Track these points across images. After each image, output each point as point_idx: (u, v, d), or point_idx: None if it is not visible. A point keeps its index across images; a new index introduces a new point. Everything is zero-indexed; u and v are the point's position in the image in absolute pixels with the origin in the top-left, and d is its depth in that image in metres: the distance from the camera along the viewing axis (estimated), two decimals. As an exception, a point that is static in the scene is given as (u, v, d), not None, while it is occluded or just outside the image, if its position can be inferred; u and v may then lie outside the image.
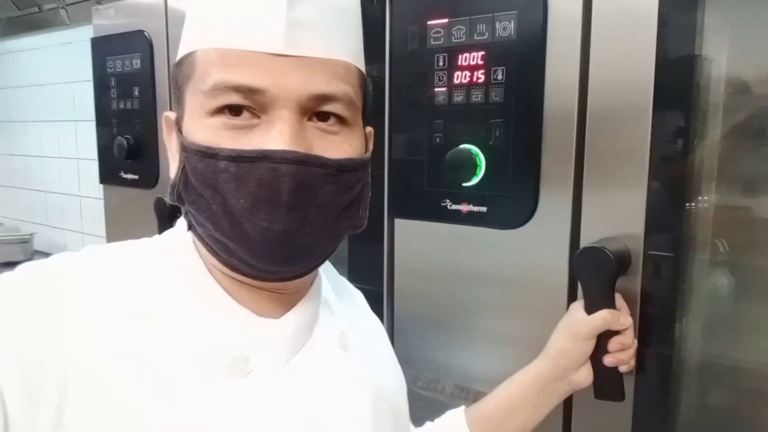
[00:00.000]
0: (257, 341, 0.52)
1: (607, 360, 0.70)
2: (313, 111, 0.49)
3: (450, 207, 0.85)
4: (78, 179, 2.44)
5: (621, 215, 0.72)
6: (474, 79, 0.81)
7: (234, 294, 0.53)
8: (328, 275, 0.65)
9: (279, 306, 0.54)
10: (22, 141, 2.81)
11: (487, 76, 0.80)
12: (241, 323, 0.52)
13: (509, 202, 0.80)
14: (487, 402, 0.75)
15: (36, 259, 0.51)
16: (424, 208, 0.89)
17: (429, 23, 0.84)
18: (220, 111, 0.47)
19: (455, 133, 0.83)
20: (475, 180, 0.81)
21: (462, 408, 0.76)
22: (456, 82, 0.82)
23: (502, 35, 0.78)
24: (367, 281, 0.97)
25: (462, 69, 0.82)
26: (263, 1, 0.48)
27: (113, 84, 1.46)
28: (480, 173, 0.81)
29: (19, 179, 2.85)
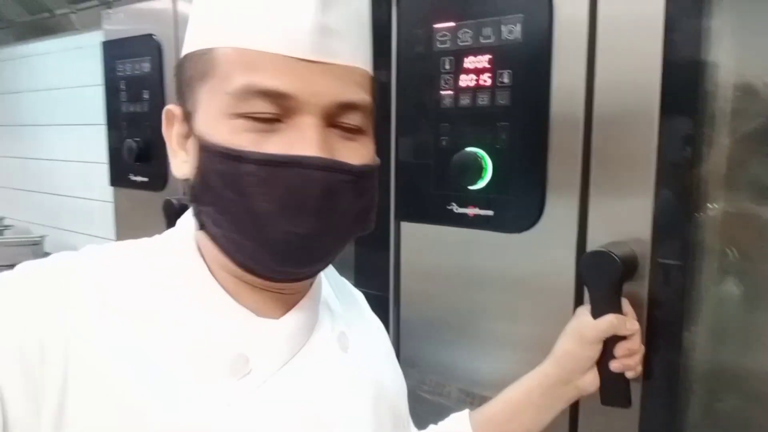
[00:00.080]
0: (257, 341, 0.52)
1: (614, 365, 0.69)
2: (336, 118, 0.49)
3: (456, 210, 0.85)
4: (88, 182, 2.46)
5: (628, 220, 0.72)
6: (480, 83, 0.81)
7: (235, 294, 0.53)
8: (328, 276, 0.65)
9: (279, 306, 0.55)
10: (33, 145, 2.84)
11: (494, 79, 0.79)
12: (241, 323, 0.52)
13: (515, 205, 0.80)
14: (492, 405, 0.75)
15: (44, 261, 0.51)
16: (430, 211, 0.88)
17: (435, 26, 0.84)
18: (245, 114, 0.47)
19: (461, 137, 0.83)
20: (482, 183, 0.81)
21: (466, 411, 0.76)
22: (462, 85, 0.82)
23: (508, 38, 0.78)
24: (374, 285, 0.97)
25: (468, 72, 0.82)
26: (292, 5, 0.47)
27: (123, 87, 1.47)
28: (486, 176, 0.81)
29: (31, 182, 2.87)
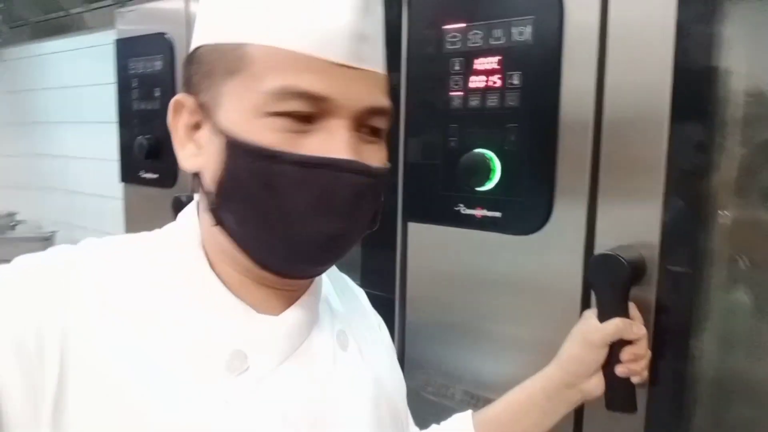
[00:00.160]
0: (255, 337, 0.52)
1: (620, 370, 0.69)
2: (363, 122, 0.50)
3: (464, 211, 0.85)
4: (100, 179, 2.48)
5: (636, 224, 0.71)
6: (490, 84, 0.80)
7: (235, 289, 0.53)
8: (328, 274, 0.65)
9: (279, 302, 0.55)
10: (46, 142, 2.87)
11: (503, 80, 0.79)
12: (240, 320, 0.52)
13: (524, 207, 0.80)
14: (495, 406, 0.74)
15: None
16: (437, 212, 0.88)
17: (445, 27, 0.84)
18: (279, 113, 0.47)
19: (470, 138, 0.83)
20: (490, 185, 0.81)
21: (469, 411, 0.75)
22: (472, 86, 0.82)
23: (518, 40, 0.78)
24: (380, 286, 0.97)
25: (478, 73, 0.82)
26: (332, 9, 0.48)
27: (135, 85, 1.48)
28: (494, 178, 0.81)
29: (44, 179, 2.90)
